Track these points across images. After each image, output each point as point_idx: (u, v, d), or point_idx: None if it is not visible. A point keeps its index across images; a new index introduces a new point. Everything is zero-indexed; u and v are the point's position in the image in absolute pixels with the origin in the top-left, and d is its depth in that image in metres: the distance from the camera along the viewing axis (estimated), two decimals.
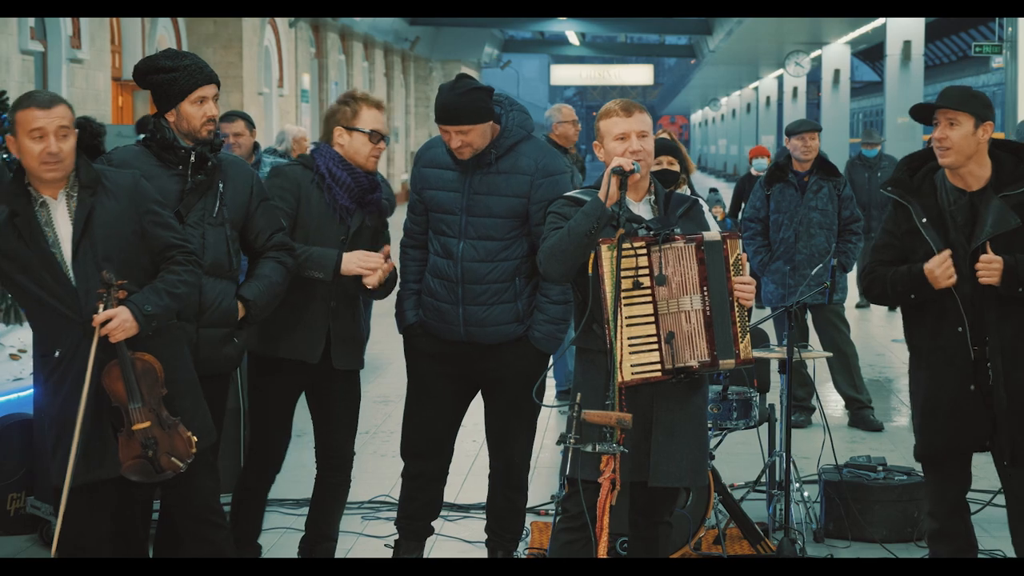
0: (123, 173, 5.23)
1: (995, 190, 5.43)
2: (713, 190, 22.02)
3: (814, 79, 46.74)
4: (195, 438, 5.14)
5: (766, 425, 7.28)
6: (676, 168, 7.98)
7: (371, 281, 5.89)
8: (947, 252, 5.37)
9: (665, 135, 9.01)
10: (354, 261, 5.85)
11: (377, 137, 5.99)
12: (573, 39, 50.40)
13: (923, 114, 5.56)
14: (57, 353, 5.07)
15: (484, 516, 6.46)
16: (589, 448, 4.83)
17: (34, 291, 5.04)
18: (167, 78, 5.53)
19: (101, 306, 4.93)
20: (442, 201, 5.98)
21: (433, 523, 6.37)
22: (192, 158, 5.51)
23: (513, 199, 5.93)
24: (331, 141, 6.04)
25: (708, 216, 5.35)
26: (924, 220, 5.45)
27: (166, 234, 5.19)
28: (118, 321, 4.96)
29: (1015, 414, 5.44)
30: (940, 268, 5.36)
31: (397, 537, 6.33)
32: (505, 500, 6.26)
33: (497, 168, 5.94)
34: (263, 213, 5.68)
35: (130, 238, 5.11)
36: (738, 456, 8.49)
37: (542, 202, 5.81)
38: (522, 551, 6.64)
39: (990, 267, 5.31)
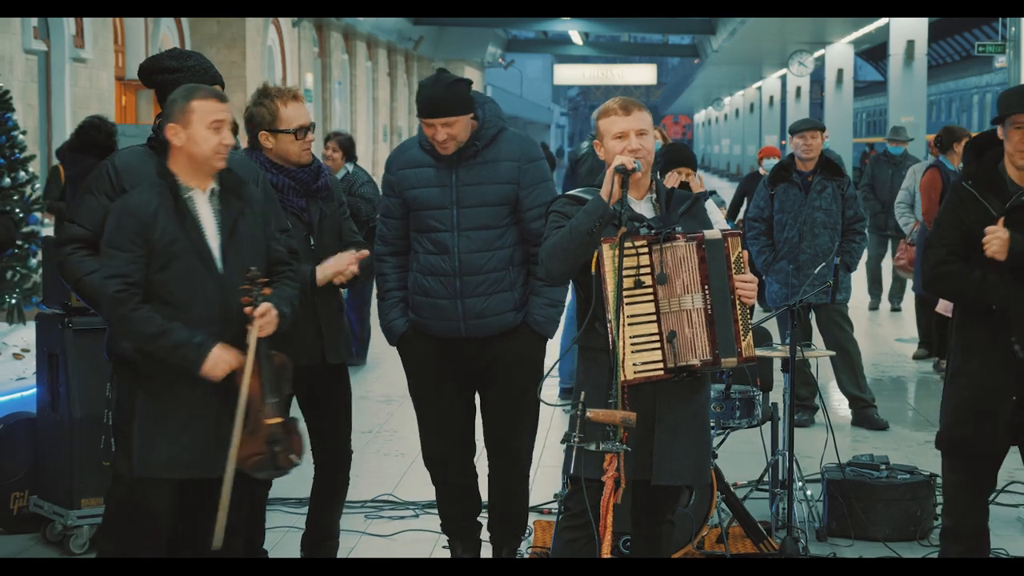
0: (253, 186, 5.39)
1: None
2: (712, 192, 21.97)
3: (817, 79, 46.68)
4: (301, 443, 5.21)
5: (769, 424, 7.29)
6: (693, 180, 7.96)
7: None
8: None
9: (658, 136, 9.02)
10: (331, 268, 5.85)
11: (303, 132, 5.95)
12: (576, 39, 50.35)
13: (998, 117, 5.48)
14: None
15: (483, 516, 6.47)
16: (593, 447, 4.83)
17: (182, 282, 5.09)
18: (172, 78, 5.53)
19: (253, 301, 5.03)
20: (429, 198, 5.96)
21: (480, 519, 6.38)
22: None
23: (505, 185, 5.95)
24: (260, 145, 6.02)
25: (712, 213, 5.35)
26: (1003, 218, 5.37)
27: (280, 250, 5.36)
28: (270, 316, 5.08)
29: None
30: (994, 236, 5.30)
31: (449, 540, 6.37)
32: (508, 496, 6.25)
33: (483, 158, 5.96)
34: (271, 211, 5.67)
35: (263, 245, 5.26)
36: (741, 455, 8.49)
37: (531, 186, 5.93)
38: (525, 550, 6.65)
39: (995, 236, 5.24)
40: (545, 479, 8.05)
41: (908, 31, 30.99)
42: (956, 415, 5.52)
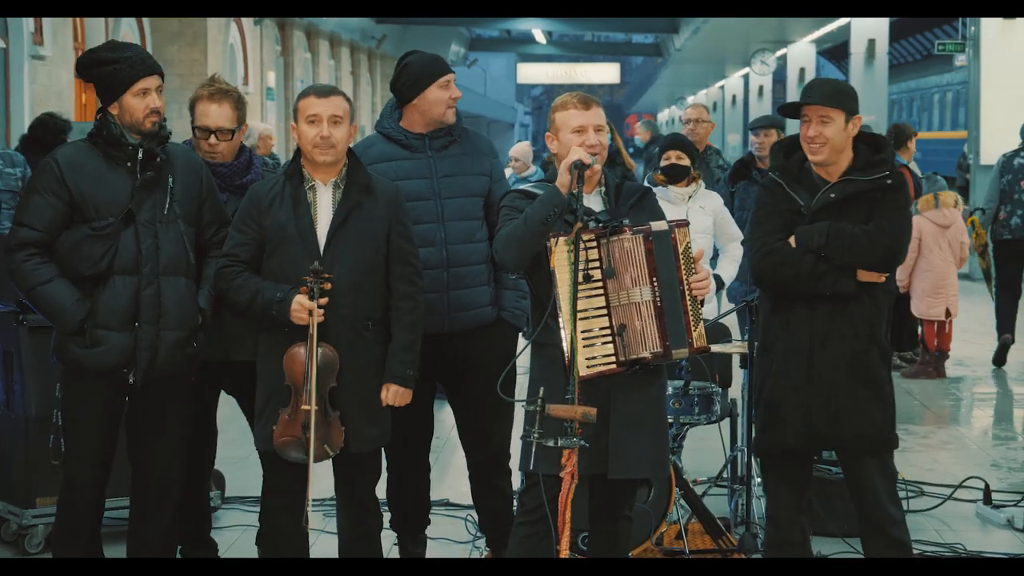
0: (389, 183, 5.64)
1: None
2: None
3: (780, 78, 46.80)
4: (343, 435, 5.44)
5: (728, 420, 7.29)
6: (686, 163, 7.99)
7: None
8: None
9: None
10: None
11: (205, 133, 6.00)
12: (540, 37, 50.37)
13: (792, 110, 5.52)
14: (287, 329, 5.39)
15: (446, 512, 6.45)
16: (551, 443, 4.83)
17: (285, 266, 5.38)
18: (109, 70, 5.50)
19: (309, 292, 5.30)
20: (410, 190, 5.89)
21: (429, 515, 6.40)
22: (140, 154, 5.48)
23: (482, 177, 5.99)
24: None
25: (691, 206, 5.32)
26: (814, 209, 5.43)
27: (407, 246, 5.56)
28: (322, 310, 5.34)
29: (809, 393, 5.43)
30: None
31: (398, 536, 6.35)
32: (495, 491, 6.21)
33: (460, 148, 5.97)
34: (211, 206, 5.69)
35: (379, 242, 5.46)
36: (700, 451, 8.50)
37: (499, 180, 6.04)
38: (483, 548, 6.64)
39: None
40: None
41: (869, 30, 31.10)
42: (763, 420, 5.54)
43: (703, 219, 8.03)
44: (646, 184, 7.98)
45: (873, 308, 5.44)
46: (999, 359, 12.66)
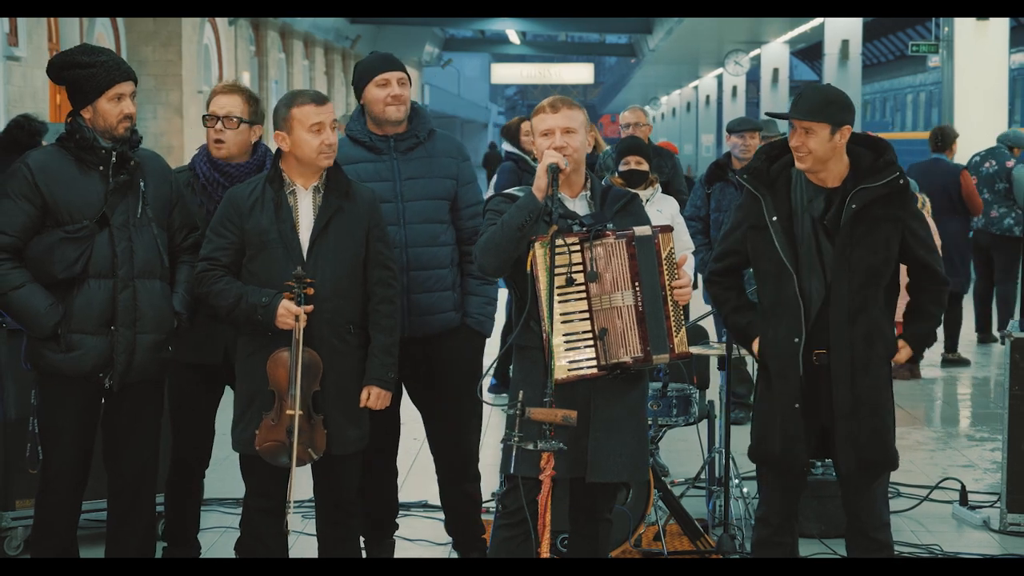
0: (366, 187, 5.66)
1: (853, 185, 5.29)
2: None
3: (753, 78, 46.90)
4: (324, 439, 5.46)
5: (706, 422, 7.32)
6: (644, 168, 8.01)
7: None
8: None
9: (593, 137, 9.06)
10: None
11: (213, 120, 6.01)
12: (514, 38, 50.40)
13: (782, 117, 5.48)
14: (270, 333, 5.41)
15: (424, 514, 6.45)
16: (531, 446, 4.85)
17: (268, 270, 5.41)
18: (84, 74, 5.49)
19: (295, 297, 5.33)
20: None
21: (397, 519, 6.39)
22: (113, 158, 5.48)
23: (446, 180, 5.96)
24: None
25: (648, 210, 5.34)
26: (775, 219, 5.32)
27: (384, 250, 5.58)
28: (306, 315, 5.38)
29: (859, 419, 5.31)
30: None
31: (365, 540, 6.33)
32: (463, 496, 6.23)
33: (425, 151, 5.96)
34: (180, 210, 5.69)
35: (359, 246, 5.51)
36: (678, 452, 8.53)
37: (467, 184, 6.02)
38: None
39: None
40: (484, 478, 8.02)
41: (843, 31, 31.20)
42: (760, 431, 5.47)
43: (661, 222, 8.07)
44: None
45: (892, 331, 5.40)
46: (983, 339, 13.82)
